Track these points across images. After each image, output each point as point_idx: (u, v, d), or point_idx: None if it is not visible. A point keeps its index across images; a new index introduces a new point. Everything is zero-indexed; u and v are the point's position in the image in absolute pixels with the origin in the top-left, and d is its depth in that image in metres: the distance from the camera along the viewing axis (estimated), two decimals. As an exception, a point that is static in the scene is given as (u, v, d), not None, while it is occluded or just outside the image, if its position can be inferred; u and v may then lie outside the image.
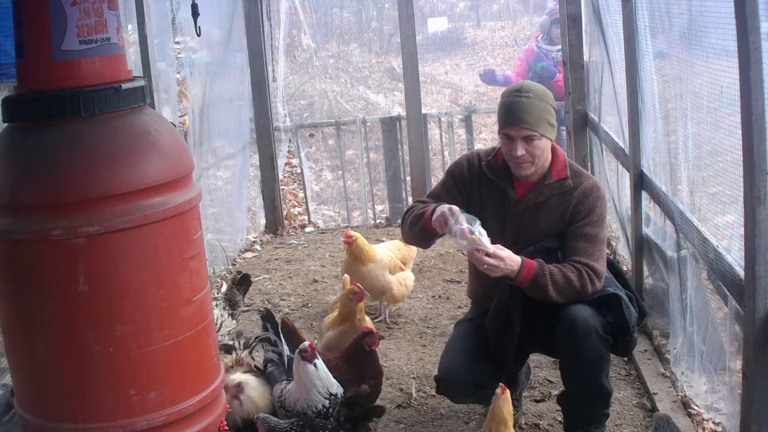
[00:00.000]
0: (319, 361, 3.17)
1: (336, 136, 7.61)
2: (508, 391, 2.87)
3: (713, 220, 3.16)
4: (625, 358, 3.97)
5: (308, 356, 3.13)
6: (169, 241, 2.69)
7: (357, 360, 3.43)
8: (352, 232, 4.73)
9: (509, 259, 2.99)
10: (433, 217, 3.09)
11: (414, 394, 3.91)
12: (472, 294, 3.59)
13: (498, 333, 3.20)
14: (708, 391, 3.38)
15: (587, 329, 2.99)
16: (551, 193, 3.19)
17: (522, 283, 3.04)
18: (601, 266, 3.11)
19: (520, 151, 3.08)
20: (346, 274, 4.45)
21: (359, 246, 4.68)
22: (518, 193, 3.24)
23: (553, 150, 3.20)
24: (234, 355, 3.60)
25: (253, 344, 3.63)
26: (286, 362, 3.37)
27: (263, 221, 6.98)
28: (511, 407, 2.87)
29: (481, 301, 3.42)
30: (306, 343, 3.17)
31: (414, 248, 5.08)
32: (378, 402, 3.70)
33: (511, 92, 3.14)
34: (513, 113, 3.08)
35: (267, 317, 3.55)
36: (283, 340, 3.46)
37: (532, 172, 3.17)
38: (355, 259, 4.67)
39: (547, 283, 3.01)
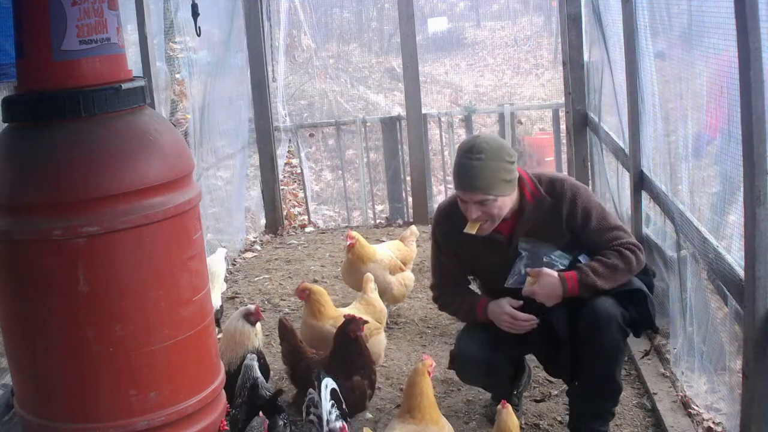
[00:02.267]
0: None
1: (336, 136, 7.61)
2: (509, 405, 2.90)
3: (713, 220, 3.16)
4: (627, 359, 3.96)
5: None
6: (169, 241, 2.69)
7: (344, 351, 3.42)
8: (353, 233, 4.73)
9: (553, 294, 3.06)
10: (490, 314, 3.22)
11: (414, 394, 3.89)
12: None
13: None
14: (708, 391, 3.37)
15: (609, 317, 3.02)
16: (537, 215, 3.15)
17: (573, 294, 3.06)
18: (630, 236, 3.17)
19: (475, 214, 3.05)
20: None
21: (360, 246, 4.69)
22: (504, 232, 3.19)
23: (519, 177, 3.14)
24: None
25: (305, 407, 3.02)
26: (324, 428, 2.83)
27: (263, 221, 6.98)
28: (516, 420, 2.88)
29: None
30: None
31: (414, 248, 5.09)
32: (378, 402, 3.71)
33: (463, 152, 3.06)
34: (464, 178, 3.03)
35: (318, 377, 2.99)
36: (324, 399, 2.86)
37: (491, 227, 3.12)
38: (356, 258, 4.67)
39: (594, 280, 3.03)
